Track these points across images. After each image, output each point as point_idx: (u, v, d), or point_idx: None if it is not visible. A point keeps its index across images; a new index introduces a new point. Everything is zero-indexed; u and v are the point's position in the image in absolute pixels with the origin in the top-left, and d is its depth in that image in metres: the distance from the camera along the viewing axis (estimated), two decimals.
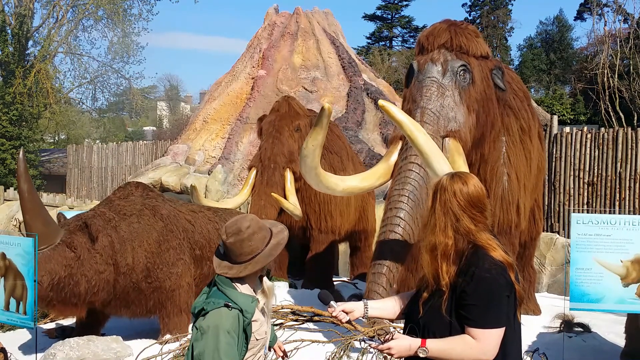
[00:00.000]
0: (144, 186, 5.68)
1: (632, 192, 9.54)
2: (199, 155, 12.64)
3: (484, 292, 2.28)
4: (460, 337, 2.31)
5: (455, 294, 2.33)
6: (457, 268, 2.34)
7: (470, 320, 2.29)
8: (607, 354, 5.27)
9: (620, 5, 26.05)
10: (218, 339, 2.38)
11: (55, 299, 4.69)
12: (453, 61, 5.06)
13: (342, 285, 8.16)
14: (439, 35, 5.19)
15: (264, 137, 7.49)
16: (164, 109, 45.90)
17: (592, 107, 25.65)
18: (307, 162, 4.88)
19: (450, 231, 2.37)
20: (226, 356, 2.37)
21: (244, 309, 2.46)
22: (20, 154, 4.76)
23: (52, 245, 4.66)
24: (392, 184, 4.95)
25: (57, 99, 23.09)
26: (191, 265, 5.48)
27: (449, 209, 2.38)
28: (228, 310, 2.44)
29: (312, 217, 7.56)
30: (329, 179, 5.02)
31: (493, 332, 2.28)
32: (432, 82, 5.00)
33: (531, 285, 6.80)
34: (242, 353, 2.50)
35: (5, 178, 20.24)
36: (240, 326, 2.45)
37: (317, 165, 4.89)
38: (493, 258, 2.33)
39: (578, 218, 4.77)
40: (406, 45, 38.95)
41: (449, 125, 4.91)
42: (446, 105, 4.95)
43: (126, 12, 23.04)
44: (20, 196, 4.70)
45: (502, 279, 2.30)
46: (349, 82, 13.42)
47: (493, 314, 2.28)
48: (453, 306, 2.33)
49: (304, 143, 4.91)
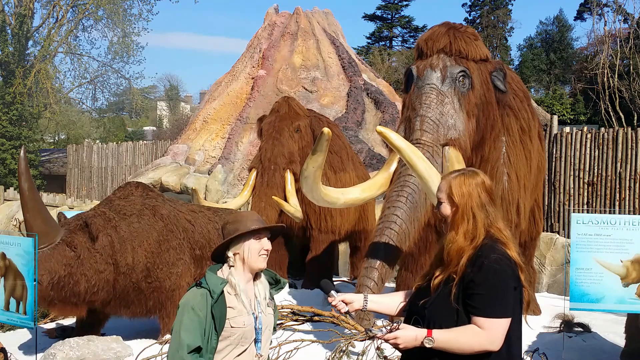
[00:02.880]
0: (144, 186, 5.68)
1: (632, 192, 9.54)
2: (199, 155, 12.64)
3: (492, 282, 2.30)
4: (467, 327, 2.32)
5: (462, 283, 2.34)
6: (468, 258, 2.36)
7: (477, 309, 2.30)
8: (607, 354, 5.27)
9: (620, 5, 26.09)
10: (182, 315, 2.54)
11: (55, 298, 4.68)
12: (452, 67, 5.06)
13: (342, 285, 8.16)
14: (437, 39, 5.18)
15: (264, 138, 7.48)
16: (164, 109, 45.90)
17: (592, 107, 25.66)
18: (308, 182, 4.99)
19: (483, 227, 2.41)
20: (186, 331, 2.49)
21: (212, 289, 2.57)
22: (22, 152, 4.75)
23: (52, 244, 4.65)
24: (391, 187, 4.97)
25: (57, 99, 23.09)
26: (191, 265, 5.48)
27: (483, 203, 2.44)
28: (197, 288, 2.59)
29: (312, 217, 7.55)
30: (330, 194, 5.12)
31: (500, 322, 2.30)
32: (432, 90, 5.00)
33: (531, 285, 6.80)
34: (212, 335, 2.55)
35: (5, 178, 20.24)
36: (207, 305, 2.54)
37: (319, 184, 5.01)
38: (506, 252, 2.36)
39: (578, 218, 4.77)
40: (406, 45, 38.95)
41: (449, 133, 4.92)
42: (446, 113, 4.95)
43: (126, 12, 23.06)
44: (21, 195, 4.70)
45: (510, 271, 2.33)
46: (349, 82, 13.42)
47: (500, 303, 2.29)
48: (460, 296, 2.34)
49: (304, 164, 5.02)
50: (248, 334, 2.65)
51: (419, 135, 4.89)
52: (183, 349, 2.49)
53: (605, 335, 5.79)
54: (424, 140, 4.86)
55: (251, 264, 2.69)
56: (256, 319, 2.68)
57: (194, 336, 2.50)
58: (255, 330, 2.68)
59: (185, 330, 2.50)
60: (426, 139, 4.85)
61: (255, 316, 2.68)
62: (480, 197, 2.44)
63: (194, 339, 2.50)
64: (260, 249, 2.70)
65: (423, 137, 4.86)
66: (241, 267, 2.70)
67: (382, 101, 13.12)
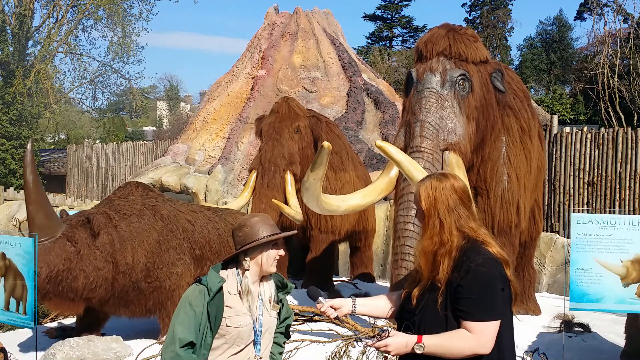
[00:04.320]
0: (144, 186, 5.68)
1: (632, 192, 9.54)
2: (199, 155, 12.64)
3: (479, 285, 2.29)
4: (457, 332, 2.31)
5: (450, 288, 2.33)
6: (453, 263, 2.35)
7: (467, 314, 2.30)
8: (607, 354, 5.27)
9: (620, 5, 26.09)
10: (180, 309, 2.61)
11: (52, 292, 4.68)
12: (452, 70, 5.06)
13: (342, 285, 8.16)
14: (437, 42, 5.18)
15: (264, 139, 7.47)
16: (164, 109, 45.89)
17: (592, 107, 25.67)
18: (309, 192, 5.05)
19: (455, 229, 2.39)
20: (180, 324, 2.56)
21: (209, 286, 2.62)
22: (29, 145, 4.74)
23: (53, 238, 4.66)
24: (396, 207, 5.03)
25: (57, 99, 23.08)
26: (191, 265, 5.48)
27: (452, 207, 2.41)
28: (197, 285, 2.66)
29: (312, 217, 7.55)
30: (331, 203, 5.18)
31: (489, 325, 2.29)
32: (431, 94, 5.01)
33: (531, 285, 6.79)
34: (207, 332, 2.58)
35: (5, 178, 20.23)
36: (204, 301, 2.59)
37: (319, 194, 5.06)
38: (489, 252, 2.35)
39: (578, 218, 4.77)
40: (406, 45, 38.98)
41: (449, 137, 4.93)
42: (445, 117, 4.97)
43: (126, 12, 23.02)
44: (25, 186, 4.70)
45: (497, 272, 2.32)
46: (349, 82, 13.42)
47: (489, 306, 2.29)
48: (449, 301, 2.33)
49: (305, 176, 5.08)
50: (244, 334, 2.65)
51: (419, 142, 4.91)
52: (175, 343, 2.53)
53: (605, 335, 5.79)
54: (424, 148, 4.88)
55: (267, 268, 2.74)
56: (256, 320, 2.68)
57: (187, 331, 2.55)
58: (255, 333, 2.67)
59: (180, 324, 2.56)
60: (426, 146, 4.88)
61: (255, 318, 2.68)
62: (449, 200, 2.42)
63: (188, 333, 2.55)
64: (276, 255, 2.75)
65: (423, 144, 4.88)
66: (255, 271, 2.73)
67: (382, 101, 13.12)
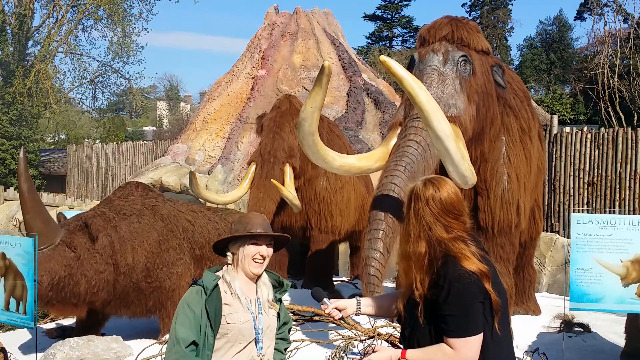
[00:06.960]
0: (144, 186, 5.68)
1: (632, 192, 9.54)
2: (199, 155, 12.64)
3: (457, 301, 2.25)
4: (440, 346, 2.30)
5: (427, 304, 2.31)
6: (430, 279, 2.32)
7: (448, 331, 2.28)
8: (607, 354, 5.27)
9: (620, 5, 26.10)
10: (179, 312, 2.63)
11: (55, 299, 4.68)
12: (454, 52, 5.06)
13: (342, 285, 8.16)
14: (440, 28, 5.20)
15: (264, 132, 7.48)
16: (164, 109, 45.88)
17: (592, 107, 25.67)
18: (304, 126, 4.56)
19: (423, 240, 2.34)
20: (180, 325, 2.57)
21: (205, 285, 2.64)
22: (21, 153, 4.75)
23: (52, 245, 4.65)
24: (389, 158, 4.77)
25: (57, 99, 23.09)
26: (191, 265, 5.48)
27: (421, 217, 2.35)
28: (194, 286, 2.68)
29: (312, 217, 7.55)
30: (327, 152, 4.81)
31: (470, 340, 2.27)
32: (433, 70, 4.98)
33: (531, 285, 6.80)
34: (208, 332, 2.59)
35: (5, 178, 20.23)
36: (201, 301, 2.61)
37: (315, 131, 4.62)
38: (463, 267, 2.29)
39: (578, 218, 4.77)
40: (406, 45, 39.01)
41: (449, 111, 4.83)
42: (446, 93, 4.92)
43: (126, 12, 23.06)
44: (20, 196, 4.70)
45: (474, 287, 2.27)
46: (349, 82, 13.42)
47: (469, 322, 2.26)
48: (430, 316, 2.32)
49: (302, 106, 4.61)
50: (245, 331, 2.65)
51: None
52: (179, 343, 2.54)
53: (605, 335, 5.80)
54: None
55: (243, 266, 2.71)
56: (256, 318, 2.69)
57: (189, 331, 2.56)
58: (255, 330, 2.68)
59: (181, 325, 2.57)
60: None
61: (254, 316, 2.68)
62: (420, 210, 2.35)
63: (189, 333, 2.55)
64: (256, 253, 2.69)
65: None
66: (235, 267, 2.74)
67: (382, 101, 13.11)
